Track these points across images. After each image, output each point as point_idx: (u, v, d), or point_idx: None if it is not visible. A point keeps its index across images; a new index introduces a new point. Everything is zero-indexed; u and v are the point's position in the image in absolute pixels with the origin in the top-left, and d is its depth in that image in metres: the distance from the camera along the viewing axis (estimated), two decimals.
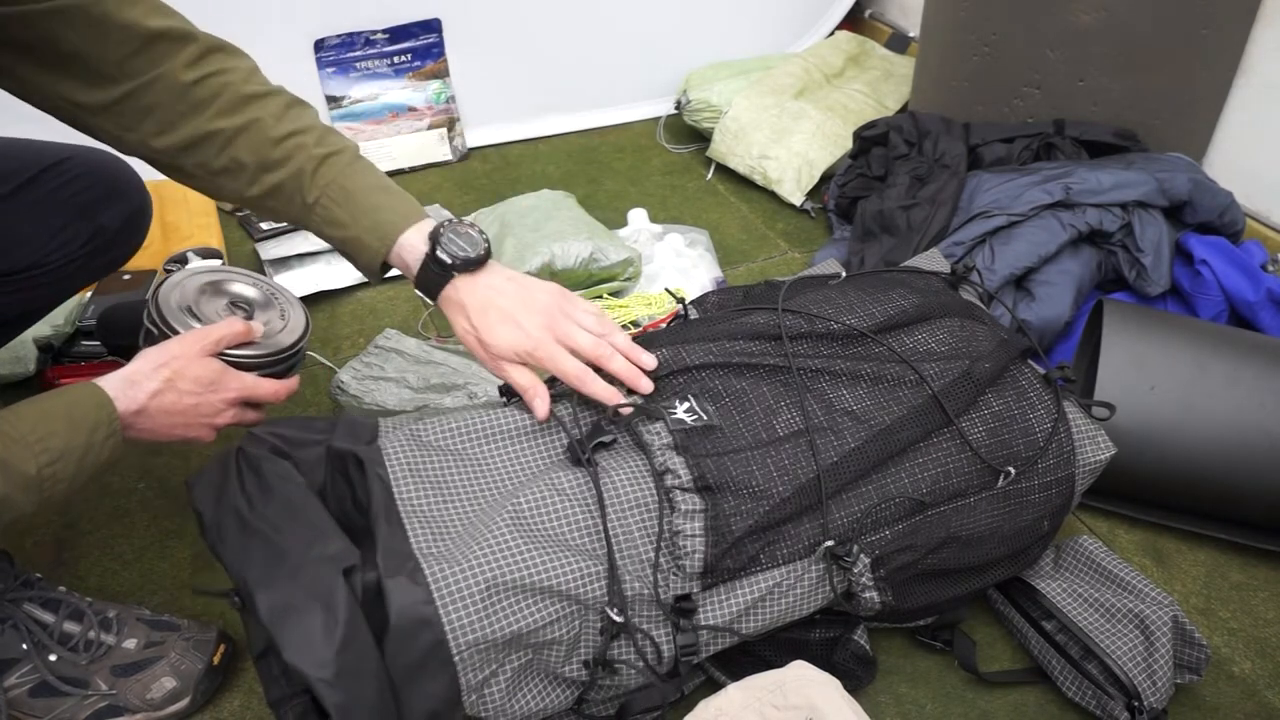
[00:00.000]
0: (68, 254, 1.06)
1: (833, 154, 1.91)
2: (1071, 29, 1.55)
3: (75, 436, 0.82)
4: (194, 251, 1.54)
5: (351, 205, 0.95)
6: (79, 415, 0.83)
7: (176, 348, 0.91)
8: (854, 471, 0.94)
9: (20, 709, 0.96)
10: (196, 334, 0.93)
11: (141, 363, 0.89)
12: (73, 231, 1.06)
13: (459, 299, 0.95)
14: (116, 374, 0.88)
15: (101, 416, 0.84)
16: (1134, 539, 1.24)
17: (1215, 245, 1.42)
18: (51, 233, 1.04)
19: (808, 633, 1.02)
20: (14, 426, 0.79)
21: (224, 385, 0.93)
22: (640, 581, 0.88)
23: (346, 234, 0.96)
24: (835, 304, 1.07)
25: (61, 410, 0.83)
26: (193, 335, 0.93)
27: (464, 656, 0.81)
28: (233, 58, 0.98)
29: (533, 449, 0.96)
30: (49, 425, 0.81)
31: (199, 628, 1.03)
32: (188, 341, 0.92)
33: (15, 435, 0.78)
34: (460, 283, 0.95)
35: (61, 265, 1.06)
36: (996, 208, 1.46)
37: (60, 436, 0.81)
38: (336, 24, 1.96)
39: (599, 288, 1.61)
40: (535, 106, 2.18)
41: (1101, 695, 0.98)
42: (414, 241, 0.95)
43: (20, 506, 0.79)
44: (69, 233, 1.05)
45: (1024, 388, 1.04)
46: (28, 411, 0.81)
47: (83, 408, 0.84)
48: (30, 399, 0.83)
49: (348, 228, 0.95)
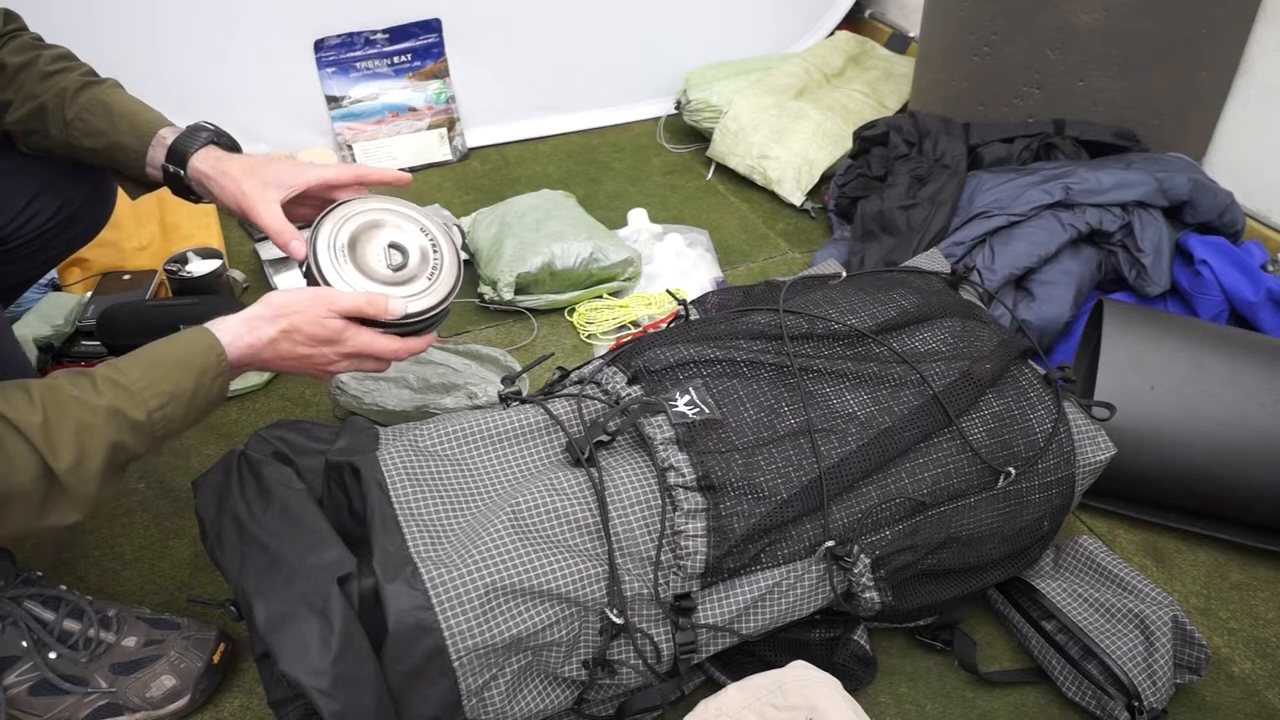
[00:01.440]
0: (37, 226, 1.08)
1: (833, 154, 1.92)
2: (1071, 29, 1.55)
3: (184, 380, 0.85)
4: (194, 251, 1.54)
5: (110, 114, 1.01)
6: (188, 359, 0.86)
7: (302, 301, 0.91)
8: (855, 473, 0.94)
9: (20, 707, 0.96)
10: (325, 296, 0.93)
11: (263, 308, 0.91)
12: (41, 203, 1.08)
13: (216, 158, 1.01)
14: (235, 316, 0.90)
15: (210, 359, 0.87)
16: (1134, 539, 1.24)
17: (1215, 245, 1.42)
18: (21, 205, 1.06)
19: (808, 633, 1.02)
20: (123, 374, 0.83)
21: (341, 340, 0.93)
22: (640, 581, 0.88)
23: (107, 140, 1.01)
24: (836, 304, 1.07)
25: (171, 357, 0.86)
26: (322, 295, 0.93)
27: (464, 662, 0.80)
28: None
29: (532, 449, 0.96)
30: (158, 371, 0.84)
31: (199, 626, 1.03)
32: (315, 298, 0.92)
33: (125, 383, 0.82)
34: (217, 150, 1.02)
35: (33, 238, 1.09)
36: (996, 208, 1.46)
37: (170, 380, 0.84)
38: (336, 24, 1.96)
39: (599, 288, 1.61)
40: (535, 106, 2.18)
41: (1101, 695, 0.98)
42: (169, 136, 1.02)
43: (133, 450, 0.83)
44: (37, 204, 1.07)
45: (1024, 388, 1.04)
46: (137, 359, 0.85)
47: (192, 351, 0.86)
48: (141, 348, 0.87)
49: (107, 134, 1.01)
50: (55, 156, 1.05)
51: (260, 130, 1.96)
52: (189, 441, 1.35)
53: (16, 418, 0.76)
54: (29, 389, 0.79)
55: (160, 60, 1.84)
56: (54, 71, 1.01)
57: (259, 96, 1.95)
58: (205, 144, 1.02)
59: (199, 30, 1.84)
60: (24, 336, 1.38)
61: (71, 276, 1.58)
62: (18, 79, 1.00)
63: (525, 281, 1.56)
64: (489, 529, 0.86)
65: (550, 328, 1.58)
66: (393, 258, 0.99)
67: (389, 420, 1.29)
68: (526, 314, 1.61)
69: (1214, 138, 1.71)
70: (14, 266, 1.11)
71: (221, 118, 1.89)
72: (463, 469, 0.93)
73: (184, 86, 1.86)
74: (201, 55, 1.86)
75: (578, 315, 1.58)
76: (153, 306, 1.46)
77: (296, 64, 1.95)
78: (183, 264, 1.51)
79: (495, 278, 1.56)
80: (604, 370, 1.02)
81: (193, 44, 1.84)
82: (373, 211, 1.01)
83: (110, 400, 0.81)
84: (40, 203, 1.07)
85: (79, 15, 1.73)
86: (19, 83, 1.00)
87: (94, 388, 0.81)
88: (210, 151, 1.01)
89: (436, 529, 0.86)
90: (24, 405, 0.77)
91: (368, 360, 0.97)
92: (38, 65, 1.00)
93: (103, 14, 1.75)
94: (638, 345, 1.03)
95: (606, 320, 1.57)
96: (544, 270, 1.55)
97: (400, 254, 1.00)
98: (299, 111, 1.99)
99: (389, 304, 0.94)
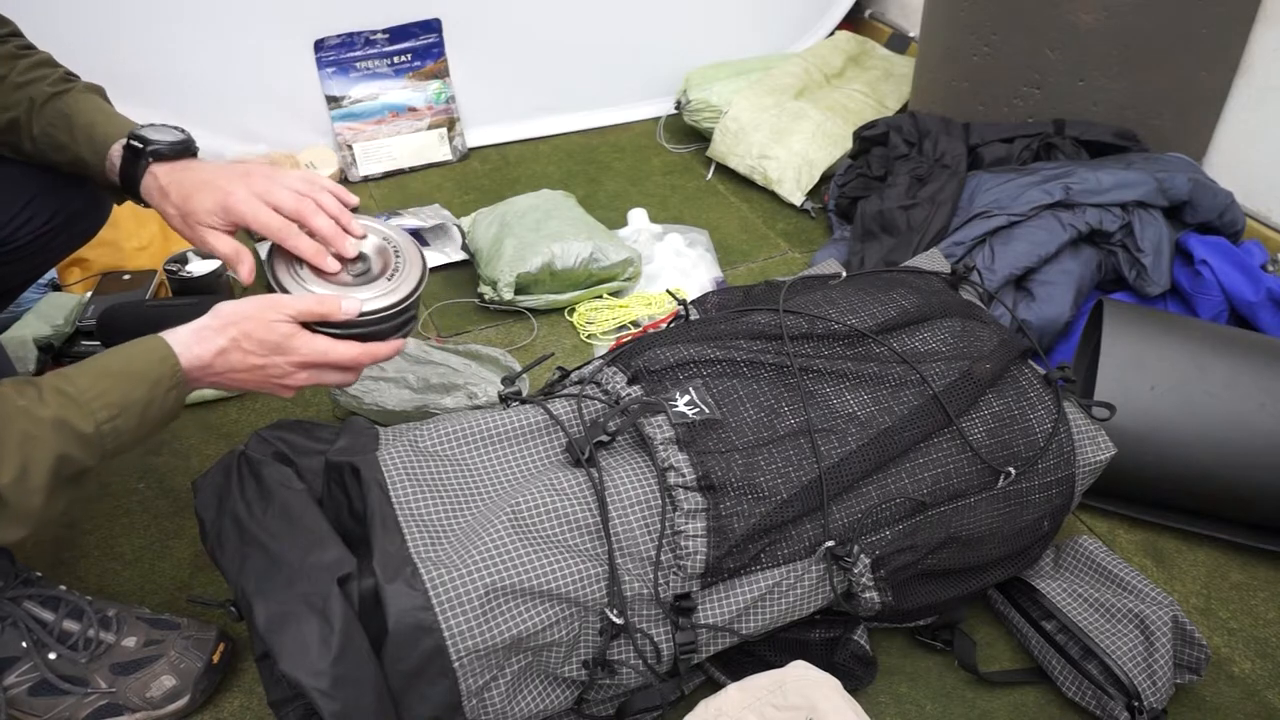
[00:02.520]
0: (33, 230, 1.07)
1: (833, 154, 1.91)
2: (1071, 29, 1.55)
3: (135, 391, 0.81)
4: (194, 251, 1.54)
5: (70, 127, 0.97)
6: (139, 369, 0.82)
7: (251, 307, 0.88)
8: (855, 473, 0.94)
9: (20, 708, 0.96)
10: (273, 300, 0.89)
11: (213, 318, 0.87)
12: (37, 207, 1.06)
13: (160, 184, 0.95)
14: (186, 326, 0.87)
15: (165, 370, 0.83)
16: (1134, 539, 1.24)
17: (1215, 245, 1.42)
18: (17, 208, 1.05)
19: (808, 633, 1.02)
20: (71, 384, 0.79)
21: (291, 349, 0.88)
22: (640, 581, 0.88)
23: (69, 155, 0.99)
24: (836, 304, 1.07)
25: (119, 366, 0.82)
26: (269, 300, 0.89)
27: (464, 663, 0.80)
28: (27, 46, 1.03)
29: (532, 450, 0.96)
30: (106, 381, 0.81)
31: (199, 626, 1.03)
32: (263, 304, 0.88)
33: (72, 393, 0.78)
34: (159, 169, 0.95)
35: (30, 241, 1.07)
36: (996, 208, 1.46)
37: (119, 391, 0.81)
38: (336, 24, 1.95)
39: (599, 288, 1.61)
40: (535, 106, 2.18)
41: (1101, 695, 0.98)
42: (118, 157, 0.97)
43: (81, 462, 0.79)
44: (34, 208, 1.06)
45: (1024, 388, 1.04)
46: (86, 368, 0.81)
47: (144, 361, 0.83)
48: (91, 357, 0.83)
49: (67, 149, 0.98)
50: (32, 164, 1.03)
51: (260, 130, 1.96)
52: (189, 442, 1.35)
53: None
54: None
55: (160, 60, 1.84)
56: (25, 83, 0.98)
57: (259, 96, 1.95)
58: (146, 169, 0.96)
59: (199, 30, 1.84)
60: (24, 336, 1.38)
61: (71, 276, 1.58)
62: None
63: (525, 281, 1.56)
64: (489, 529, 0.85)
65: (550, 328, 1.59)
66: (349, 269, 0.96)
67: (389, 420, 1.29)
68: (526, 314, 1.61)
69: (1214, 138, 1.71)
70: (9, 269, 1.10)
71: (222, 118, 1.92)
72: (463, 469, 0.93)
73: (184, 87, 1.86)
74: (201, 55, 1.86)
75: (578, 315, 1.58)
76: (153, 306, 1.46)
77: (296, 64, 1.95)
78: (183, 264, 1.51)
79: (495, 278, 1.56)
80: (604, 370, 1.02)
81: (193, 44, 1.84)
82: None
83: (56, 411, 0.77)
84: (36, 206, 1.06)
85: (79, 16, 1.73)
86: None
87: (40, 397, 0.77)
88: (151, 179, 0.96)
89: (436, 529, 0.86)
90: None
91: (328, 371, 0.91)
92: (10, 77, 0.98)
93: (102, 15, 1.75)
94: (638, 345, 1.03)
95: (606, 320, 1.57)
96: (544, 270, 1.55)
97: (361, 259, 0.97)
98: (299, 111, 1.99)
99: (342, 303, 0.90)
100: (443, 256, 1.73)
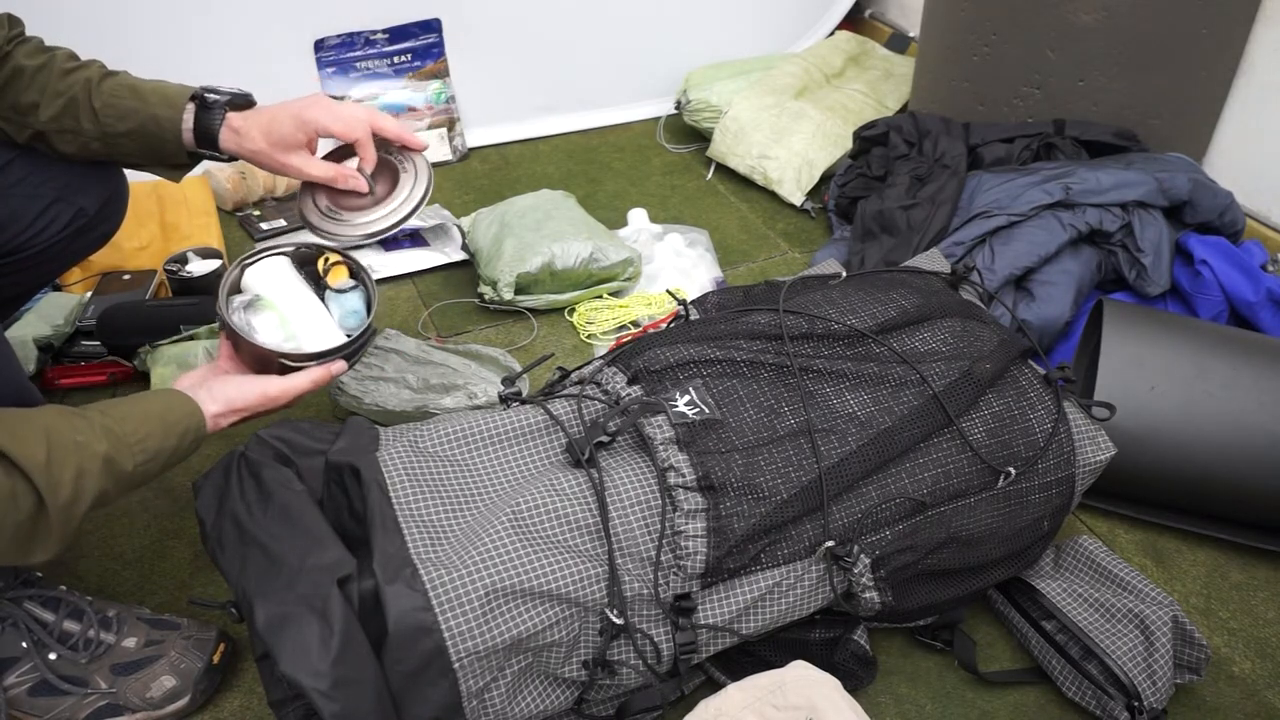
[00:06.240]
0: (50, 236, 1.09)
1: (833, 154, 1.91)
2: (1071, 29, 1.55)
3: (169, 440, 0.90)
4: (194, 251, 1.54)
5: (138, 93, 1.03)
6: (173, 420, 0.91)
7: (255, 397, 1.00)
8: (855, 473, 0.94)
9: (20, 708, 0.96)
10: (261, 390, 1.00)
11: (222, 406, 0.97)
12: (54, 213, 1.08)
13: (237, 128, 1.05)
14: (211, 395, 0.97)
15: (192, 424, 0.93)
16: (1134, 539, 1.24)
17: (1215, 245, 1.42)
18: (34, 215, 1.07)
19: (808, 633, 1.02)
20: (120, 425, 0.86)
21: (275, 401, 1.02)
22: (640, 581, 0.88)
23: (141, 117, 1.03)
24: (836, 304, 1.07)
25: (158, 412, 0.91)
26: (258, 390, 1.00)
27: (464, 664, 0.80)
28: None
29: (532, 450, 0.96)
30: (148, 426, 0.88)
31: (199, 627, 1.03)
32: (251, 396, 1.00)
33: (120, 434, 0.85)
34: (234, 117, 1.05)
35: (46, 248, 1.09)
36: (996, 208, 1.46)
37: (156, 439, 0.88)
38: (336, 24, 1.96)
39: (599, 288, 1.61)
40: (535, 106, 2.18)
41: (1101, 695, 0.98)
42: (190, 118, 1.05)
43: (110, 499, 0.85)
44: (50, 214, 1.08)
45: (1024, 388, 1.04)
46: (131, 411, 0.88)
47: (177, 414, 0.92)
48: (130, 398, 0.92)
49: (139, 111, 1.03)
50: (89, 153, 1.05)
51: None
52: None
53: (21, 454, 0.77)
54: (33, 424, 0.80)
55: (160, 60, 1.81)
56: (72, 69, 1.03)
57: (259, 97, 1.93)
58: (224, 119, 1.05)
59: (199, 30, 1.84)
60: (24, 336, 1.38)
61: (71, 276, 1.58)
62: (38, 80, 1.01)
63: (525, 281, 1.56)
64: (489, 530, 0.85)
65: (550, 328, 1.59)
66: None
67: (389, 420, 1.29)
68: (526, 314, 1.61)
69: (1214, 138, 1.71)
70: (22, 276, 1.11)
71: None
72: (463, 470, 0.93)
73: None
74: (202, 55, 1.86)
75: (578, 315, 1.58)
76: (153, 306, 1.46)
77: (296, 64, 1.95)
78: (183, 264, 1.51)
79: (495, 278, 1.56)
80: (604, 370, 1.02)
81: (193, 44, 1.84)
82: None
83: (108, 449, 0.83)
84: (53, 213, 1.08)
85: (79, 16, 1.73)
86: (40, 83, 1.01)
87: (93, 432, 0.83)
88: (229, 129, 1.05)
89: (436, 530, 0.86)
90: (29, 442, 0.78)
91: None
92: (55, 64, 1.02)
93: (102, 15, 1.75)
94: (638, 345, 1.03)
95: (606, 320, 1.57)
96: (544, 270, 1.55)
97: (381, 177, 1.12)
98: None
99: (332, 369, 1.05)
100: (443, 256, 1.73)
